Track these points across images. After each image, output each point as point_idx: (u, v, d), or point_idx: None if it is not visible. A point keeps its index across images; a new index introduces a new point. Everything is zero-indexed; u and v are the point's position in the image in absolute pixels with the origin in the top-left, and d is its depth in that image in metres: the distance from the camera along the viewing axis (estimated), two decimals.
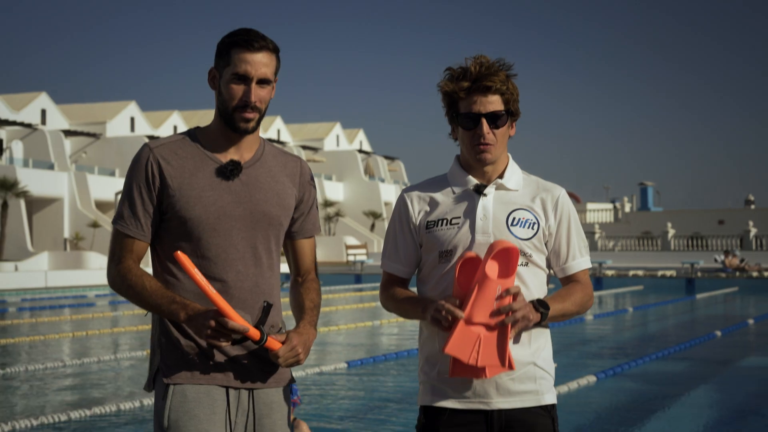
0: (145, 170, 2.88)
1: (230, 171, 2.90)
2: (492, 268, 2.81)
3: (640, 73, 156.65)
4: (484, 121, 2.93)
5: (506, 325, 2.79)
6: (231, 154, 2.94)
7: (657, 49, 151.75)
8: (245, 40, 2.85)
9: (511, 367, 2.84)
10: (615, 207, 66.98)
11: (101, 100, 64.80)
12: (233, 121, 2.88)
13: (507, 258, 2.81)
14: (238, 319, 2.70)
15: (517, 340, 2.95)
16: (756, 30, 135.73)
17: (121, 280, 2.88)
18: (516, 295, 2.82)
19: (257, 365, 2.91)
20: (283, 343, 2.82)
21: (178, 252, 2.73)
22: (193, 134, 2.97)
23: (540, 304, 2.89)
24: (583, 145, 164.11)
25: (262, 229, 2.94)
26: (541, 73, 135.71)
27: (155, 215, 2.90)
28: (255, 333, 2.74)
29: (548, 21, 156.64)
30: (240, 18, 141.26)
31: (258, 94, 2.87)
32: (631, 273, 36.29)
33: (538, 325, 2.92)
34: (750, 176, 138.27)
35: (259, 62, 2.85)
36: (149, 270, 3.05)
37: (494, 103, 2.94)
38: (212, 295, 2.69)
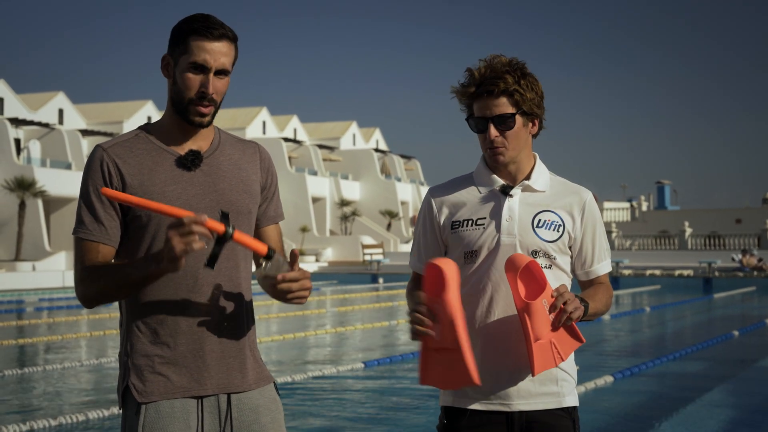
0: (101, 171, 2.73)
1: (191, 161, 2.76)
2: (525, 290, 2.78)
3: (657, 72, 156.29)
4: (491, 124, 2.92)
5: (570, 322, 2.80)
6: (188, 146, 2.80)
7: (674, 48, 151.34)
8: (204, 27, 2.69)
9: (580, 339, 2.88)
10: (632, 206, 66.66)
11: (118, 99, 64.97)
12: (187, 114, 2.74)
13: (530, 273, 2.79)
14: (190, 214, 2.50)
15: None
16: None
17: (89, 276, 2.73)
18: (558, 294, 2.78)
19: (234, 368, 2.79)
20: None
21: (104, 188, 2.57)
22: (147, 129, 2.82)
23: (582, 299, 2.86)
24: (600, 144, 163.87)
25: (231, 219, 2.78)
26: (558, 73, 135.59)
27: (118, 218, 2.75)
28: (217, 225, 2.48)
29: (565, 21, 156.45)
30: (257, 17, 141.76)
31: (215, 85, 2.73)
32: (648, 272, 36.20)
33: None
34: (767, 175, 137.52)
35: (218, 51, 2.70)
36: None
37: (501, 105, 2.90)
38: (157, 205, 2.50)
